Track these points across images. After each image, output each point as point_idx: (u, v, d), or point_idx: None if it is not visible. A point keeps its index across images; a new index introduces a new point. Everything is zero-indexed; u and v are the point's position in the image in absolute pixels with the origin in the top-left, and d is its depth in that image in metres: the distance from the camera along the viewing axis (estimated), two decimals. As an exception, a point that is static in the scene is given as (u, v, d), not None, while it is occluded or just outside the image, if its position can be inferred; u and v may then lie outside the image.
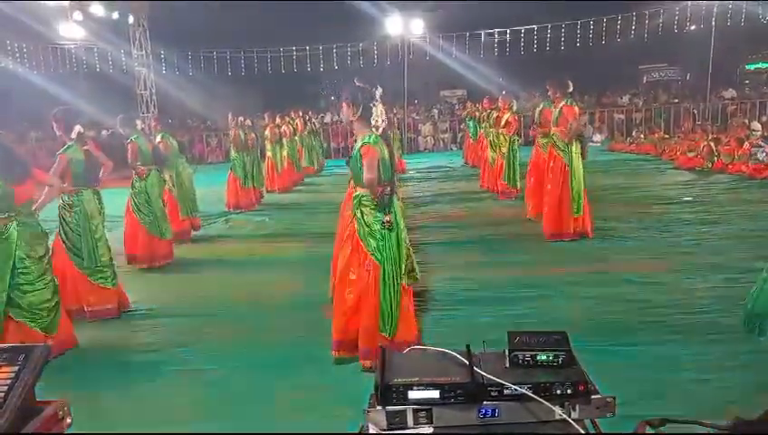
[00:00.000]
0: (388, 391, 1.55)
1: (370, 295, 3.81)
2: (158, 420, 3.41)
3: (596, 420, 1.59)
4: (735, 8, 18.19)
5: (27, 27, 15.83)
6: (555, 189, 6.96)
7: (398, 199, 4.06)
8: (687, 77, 24.99)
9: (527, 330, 1.74)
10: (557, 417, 1.52)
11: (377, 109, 3.86)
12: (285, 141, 13.09)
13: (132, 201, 6.72)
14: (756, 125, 17.10)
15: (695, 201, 8.99)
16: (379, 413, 1.54)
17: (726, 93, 20.84)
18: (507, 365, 1.64)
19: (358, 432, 1.59)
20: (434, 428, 1.54)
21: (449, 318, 4.76)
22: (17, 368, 1.39)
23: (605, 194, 9.78)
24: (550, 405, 1.52)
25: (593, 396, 1.56)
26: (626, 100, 22.13)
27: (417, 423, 1.54)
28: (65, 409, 1.47)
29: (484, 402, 1.54)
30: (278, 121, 13.06)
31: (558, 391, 1.54)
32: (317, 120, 19.14)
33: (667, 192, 9.91)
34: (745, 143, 12.14)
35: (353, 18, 18.83)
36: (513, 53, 19.67)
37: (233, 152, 10.52)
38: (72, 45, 18.20)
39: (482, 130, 12.56)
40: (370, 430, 1.54)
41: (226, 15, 18.11)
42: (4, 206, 4.06)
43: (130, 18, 17.40)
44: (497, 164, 10.24)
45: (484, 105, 12.59)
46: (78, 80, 19.31)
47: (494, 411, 1.54)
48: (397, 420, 1.54)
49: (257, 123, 12.92)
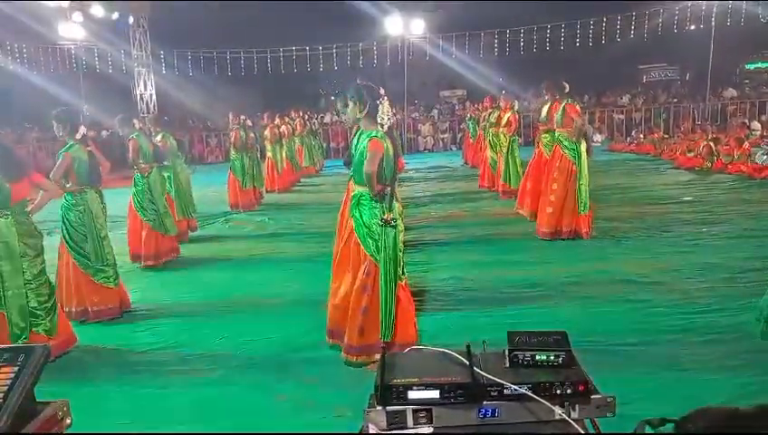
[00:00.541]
0: (388, 391, 1.55)
1: (367, 296, 3.82)
2: (157, 420, 3.41)
3: (596, 420, 1.59)
4: (735, 8, 18.19)
5: (27, 27, 15.84)
6: (561, 189, 6.90)
7: (396, 200, 4.06)
8: (687, 77, 24.98)
9: (527, 330, 1.74)
10: (557, 417, 1.52)
11: (383, 106, 3.84)
12: (285, 142, 13.09)
13: (135, 199, 6.71)
14: (756, 125, 17.11)
15: (694, 201, 8.99)
16: (378, 413, 1.54)
17: (726, 93, 20.84)
18: (507, 365, 1.64)
19: (358, 433, 1.59)
20: (434, 428, 1.54)
21: (449, 318, 4.76)
22: (17, 368, 1.39)
23: (605, 194, 9.78)
24: (550, 405, 1.52)
25: (593, 396, 1.56)
26: (626, 100, 22.13)
27: (417, 423, 1.54)
28: (65, 409, 1.47)
29: (485, 402, 1.54)
30: (277, 121, 13.04)
31: (558, 391, 1.54)
32: (317, 120, 19.15)
33: (666, 192, 9.91)
34: (745, 143, 12.15)
35: (353, 18, 18.84)
36: (513, 53, 19.68)
37: (232, 152, 10.48)
38: (72, 46, 18.22)
39: (481, 130, 12.57)
40: (370, 430, 1.54)
41: (226, 15, 18.13)
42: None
43: (130, 18, 17.41)
44: (498, 164, 10.24)
45: (485, 105, 12.59)
46: (78, 80, 19.33)
47: (494, 411, 1.54)
48: (397, 420, 1.54)
49: (257, 123, 12.92)
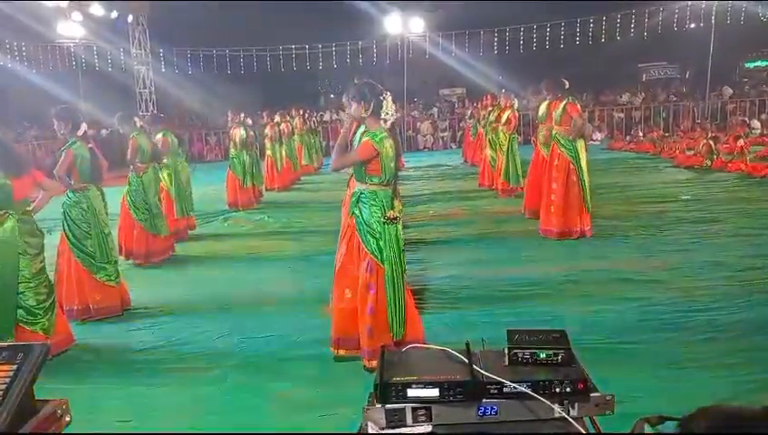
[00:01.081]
0: (387, 389, 1.55)
1: (372, 295, 3.78)
2: (156, 418, 3.41)
3: (595, 418, 1.59)
4: (735, 6, 18.20)
5: (26, 26, 15.83)
6: (561, 188, 6.89)
7: (397, 198, 4.04)
8: (687, 75, 24.98)
9: (526, 328, 1.74)
10: (556, 415, 1.52)
11: (387, 102, 3.81)
12: (284, 140, 13.08)
13: (128, 198, 6.71)
14: (756, 123, 17.12)
15: (694, 199, 8.99)
16: (378, 411, 1.54)
17: (725, 91, 20.84)
18: (507, 363, 1.64)
19: (357, 432, 1.59)
20: (433, 426, 1.54)
21: (449, 316, 4.76)
22: (16, 366, 1.39)
23: (604, 192, 9.78)
24: (549, 403, 1.52)
25: (592, 394, 1.56)
26: (625, 98, 22.12)
27: (417, 421, 1.54)
28: (64, 407, 1.47)
29: (484, 400, 1.54)
30: (277, 119, 13.03)
31: (557, 389, 1.54)
32: (316, 119, 19.14)
33: (666, 190, 9.91)
34: (740, 140, 12.14)
35: (353, 17, 18.84)
36: (513, 51, 19.67)
37: (232, 151, 10.47)
38: (72, 44, 18.20)
39: (481, 129, 12.56)
40: (369, 429, 1.54)
41: (225, 14, 18.12)
42: (1, 199, 4.04)
43: (129, 17, 17.39)
44: (498, 162, 10.24)
45: (485, 103, 12.60)
46: (77, 78, 19.32)
47: (493, 409, 1.54)
48: (396, 418, 1.53)
49: (257, 122, 12.91)
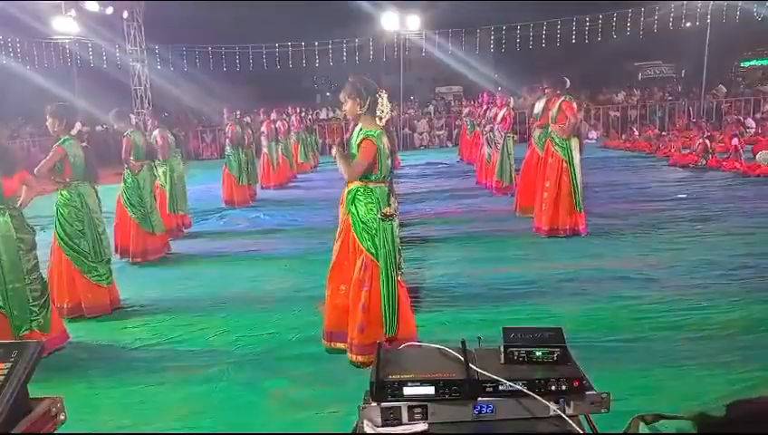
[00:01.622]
0: (383, 388, 1.55)
1: (366, 291, 3.79)
2: (151, 417, 3.41)
3: (590, 416, 1.60)
4: (730, 6, 18.25)
5: (21, 22, 15.75)
6: (553, 186, 6.90)
7: (393, 195, 4.05)
8: (682, 74, 25.08)
9: (522, 326, 1.75)
10: (552, 413, 1.53)
11: (382, 99, 3.80)
12: (281, 137, 13.07)
13: (123, 196, 6.69)
14: (750, 122, 17.18)
15: (689, 198, 9.01)
16: (373, 409, 1.54)
17: (721, 90, 20.91)
18: (502, 361, 1.65)
19: (352, 432, 1.59)
20: (429, 424, 1.54)
21: (444, 314, 4.76)
22: (10, 364, 1.38)
23: (600, 191, 9.80)
24: (545, 401, 1.53)
25: (588, 392, 1.57)
26: (621, 97, 22.18)
27: (412, 419, 1.54)
28: (59, 405, 1.46)
29: (480, 399, 1.54)
30: (274, 117, 13.01)
31: (553, 387, 1.55)
32: (312, 117, 19.13)
33: (661, 189, 9.94)
34: (735, 139, 12.19)
35: (349, 14, 18.83)
36: (509, 50, 19.70)
37: (228, 148, 10.45)
38: (67, 41, 18.12)
39: (478, 128, 12.57)
40: (365, 427, 1.54)
41: (221, 11, 18.06)
42: None
43: (125, 13, 17.32)
44: (492, 160, 10.25)
45: (480, 101, 12.61)
46: (72, 75, 19.25)
47: (489, 408, 1.54)
48: (391, 417, 1.54)
49: (253, 119, 12.89)
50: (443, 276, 5.74)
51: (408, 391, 1.54)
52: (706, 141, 12.50)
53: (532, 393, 1.53)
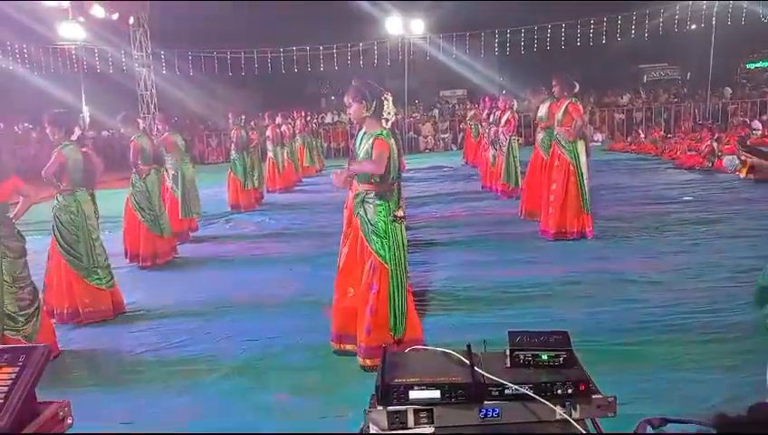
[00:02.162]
0: (388, 391, 1.55)
1: (374, 294, 3.79)
2: (156, 422, 3.41)
3: (597, 420, 1.59)
4: (735, 7, 18.19)
5: (28, 28, 15.85)
6: (560, 189, 6.89)
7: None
8: (688, 76, 24.99)
9: (528, 329, 1.74)
10: (558, 417, 1.52)
11: (388, 102, 3.84)
12: (286, 141, 13.12)
13: (132, 199, 6.75)
14: (757, 124, 17.10)
15: (695, 200, 8.98)
16: (379, 413, 1.54)
17: (726, 92, 20.84)
18: (508, 365, 1.64)
19: (358, 433, 1.59)
20: (435, 428, 1.54)
21: (450, 317, 4.76)
22: (18, 368, 1.39)
23: (605, 193, 9.78)
24: (551, 405, 1.52)
25: (594, 396, 1.56)
26: (626, 99, 22.13)
27: (418, 423, 1.54)
28: (66, 409, 1.47)
29: (485, 402, 1.54)
30: (279, 121, 13.05)
31: (559, 391, 1.54)
32: (317, 121, 19.17)
33: (667, 192, 9.90)
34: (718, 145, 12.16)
35: (354, 18, 18.85)
36: (514, 53, 19.68)
37: (233, 152, 10.50)
38: (73, 46, 18.22)
39: (482, 131, 12.57)
40: (371, 431, 1.54)
41: (227, 16, 18.12)
42: None
43: (131, 19, 17.41)
44: (497, 163, 10.25)
45: (484, 105, 12.62)
46: (78, 80, 19.35)
47: (495, 411, 1.54)
48: (397, 420, 1.54)
49: (258, 123, 12.93)
50: (448, 280, 5.74)
51: (414, 394, 1.54)
52: (714, 144, 12.46)
53: (538, 397, 1.52)
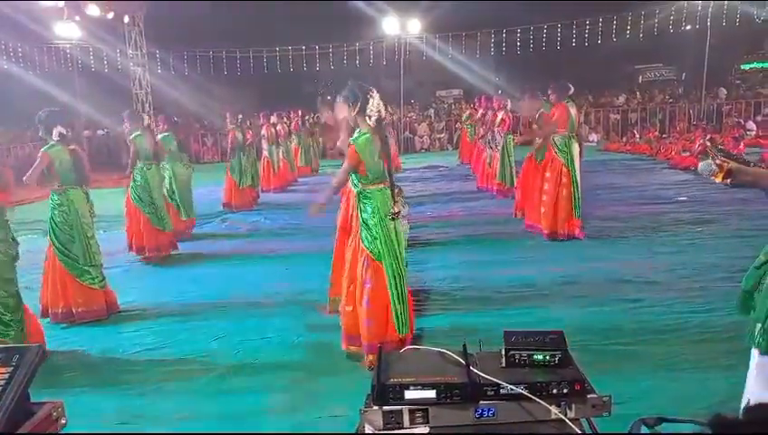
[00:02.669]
0: (384, 391, 1.55)
1: (368, 290, 3.83)
2: (151, 422, 3.40)
3: (592, 420, 1.60)
4: (730, 8, 18.25)
5: (23, 27, 15.78)
6: (552, 190, 6.93)
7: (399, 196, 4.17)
8: (683, 77, 25.06)
9: (524, 329, 1.75)
10: (553, 416, 1.53)
11: (373, 99, 3.84)
12: (281, 141, 13.12)
13: (133, 193, 6.88)
14: (751, 125, 17.18)
15: (690, 201, 9.01)
16: (375, 413, 1.54)
17: (721, 93, 20.91)
18: (504, 365, 1.64)
19: (354, 433, 1.59)
20: (430, 428, 1.54)
21: (446, 317, 4.76)
22: (11, 368, 1.38)
23: (601, 194, 9.80)
24: (546, 405, 1.52)
25: (589, 395, 1.56)
26: (621, 100, 22.19)
27: (414, 423, 1.54)
28: (60, 410, 1.46)
29: (481, 402, 1.54)
30: (274, 120, 13.05)
31: (554, 391, 1.55)
32: (313, 120, 19.15)
33: (662, 192, 9.93)
34: (740, 143, 12.19)
35: (350, 18, 18.84)
36: (510, 53, 19.72)
37: (230, 152, 10.52)
38: (68, 45, 18.15)
39: (478, 131, 12.59)
40: (367, 430, 1.54)
41: (222, 15, 18.09)
42: None
43: (126, 18, 17.35)
44: (493, 163, 10.29)
45: (479, 103, 12.65)
46: (73, 79, 19.27)
47: (490, 411, 1.54)
48: (393, 420, 1.54)
49: (254, 122, 12.92)
50: (444, 280, 5.74)
51: (410, 394, 1.54)
52: (707, 144, 12.49)
53: (533, 397, 1.53)
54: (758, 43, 22.60)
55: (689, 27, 19.44)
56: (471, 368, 1.59)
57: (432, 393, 1.54)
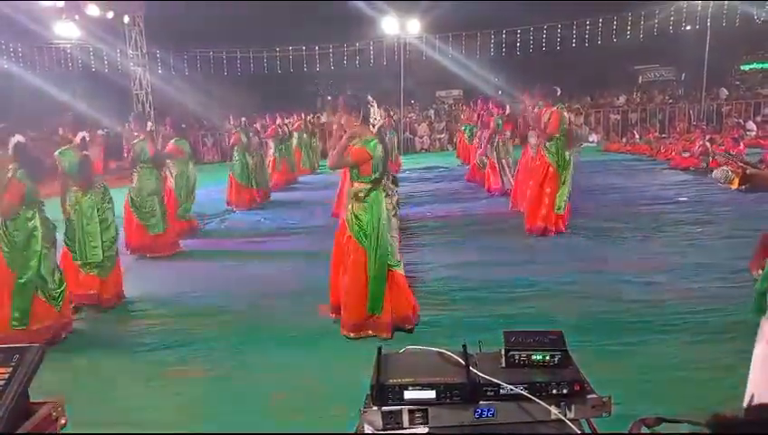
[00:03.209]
0: (383, 392, 1.55)
1: (352, 272, 4.30)
2: (152, 420, 3.40)
3: (591, 420, 1.60)
4: (730, 8, 18.26)
5: (22, 26, 15.77)
6: (535, 187, 7.29)
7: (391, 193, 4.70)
8: (683, 77, 25.06)
9: (523, 329, 1.75)
10: (553, 417, 1.53)
11: (373, 109, 4.35)
12: (283, 141, 13.28)
13: (129, 197, 7.08)
14: (751, 125, 17.19)
15: (690, 201, 9.01)
16: (374, 413, 1.54)
17: (721, 93, 20.92)
18: (503, 365, 1.64)
19: (354, 433, 1.59)
20: (429, 428, 1.54)
21: (445, 318, 4.76)
22: (11, 368, 1.38)
23: (600, 194, 9.80)
24: (546, 405, 1.52)
25: (589, 395, 1.56)
26: (622, 100, 22.19)
27: (413, 423, 1.54)
28: (59, 409, 1.46)
29: (481, 402, 1.54)
30: (279, 122, 13.23)
31: (554, 391, 1.55)
32: (313, 120, 19.15)
33: (662, 192, 9.93)
34: (740, 144, 12.18)
35: (350, 18, 18.82)
36: (510, 53, 19.71)
37: (235, 153, 10.64)
38: (68, 45, 18.14)
39: (476, 133, 12.64)
40: (366, 431, 1.54)
41: (222, 15, 18.07)
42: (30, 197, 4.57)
43: (126, 18, 17.35)
44: (489, 163, 10.47)
45: (479, 106, 12.67)
46: (73, 79, 19.26)
47: (490, 411, 1.54)
48: (392, 420, 1.54)
49: (264, 124, 13.00)
50: (443, 279, 5.74)
51: (409, 394, 1.54)
52: (707, 144, 12.50)
53: (533, 397, 1.53)
54: (758, 43, 22.59)
55: (689, 28, 19.43)
56: (471, 368, 1.59)
57: (432, 394, 1.54)
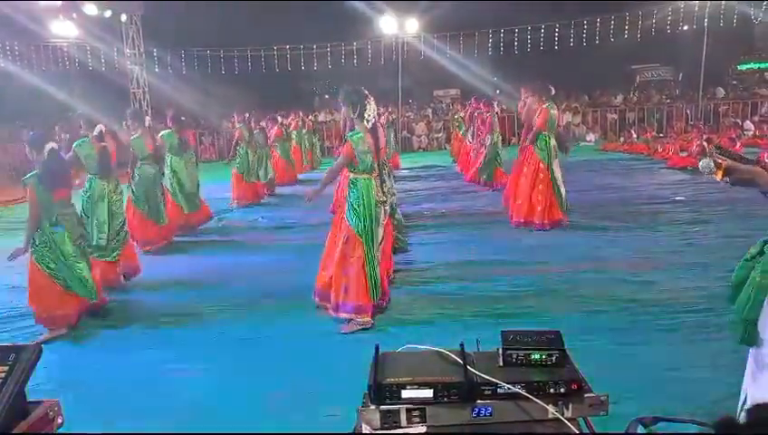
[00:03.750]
0: (381, 390, 1.54)
1: (351, 259, 4.53)
2: (153, 419, 3.39)
3: (589, 419, 1.60)
4: (728, 8, 18.29)
5: (19, 25, 15.74)
6: (528, 184, 7.46)
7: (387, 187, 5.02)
8: (680, 77, 25.09)
9: (521, 329, 1.75)
10: (550, 416, 1.53)
11: (370, 105, 4.57)
12: (282, 139, 13.37)
13: (131, 191, 7.25)
14: (749, 125, 17.23)
15: (686, 200, 9.02)
16: (372, 412, 1.54)
17: (718, 93, 20.96)
18: (501, 364, 1.64)
19: (351, 432, 1.58)
20: (427, 427, 1.54)
21: (443, 316, 4.76)
22: (8, 367, 1.38)
23: (597, 193, 9.81)
24: (543, 404, 1.53)
25: (586, 395, 1.57)
26: (619, 99, 22.21)
27: (411, 422, 1.54)
28: (56, 409, 1.46)
29: (478, 401, 1.54)
30: (280, 121, 13.41)
31: (551, 390, 1.55)
32: (311, 119, 19.16)
33: (659, 191, 9.95)
34: (737, 143, 12.21)
35: (348, 17, 18.82)
36: (508, 52, 19.71)
37: (240, 150, 10.76)
38: (65, 44, 18.10)
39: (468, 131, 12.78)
40: (364, 430, 1.54)
41: (220, 14, 18.06)
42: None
43: (123, 16, 17.31)
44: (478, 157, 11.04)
45: (472, 106, 12.74)
46: (70, 78, 19.22)
47: (487, 410, 1.54)
48: (390, 419, 1.53)
49: (269, 126, 13.07)
50: (440, 278, 5.74)
51: (407, 394, 1.54)
52: (704, 144, 12.52)
53: (530, 396, 1.53)
54: (755, 43, 22.63)
55: (687, 27, 19.45)
56: (468, 367, 1.59)
57: (429, 393, 1.54)
